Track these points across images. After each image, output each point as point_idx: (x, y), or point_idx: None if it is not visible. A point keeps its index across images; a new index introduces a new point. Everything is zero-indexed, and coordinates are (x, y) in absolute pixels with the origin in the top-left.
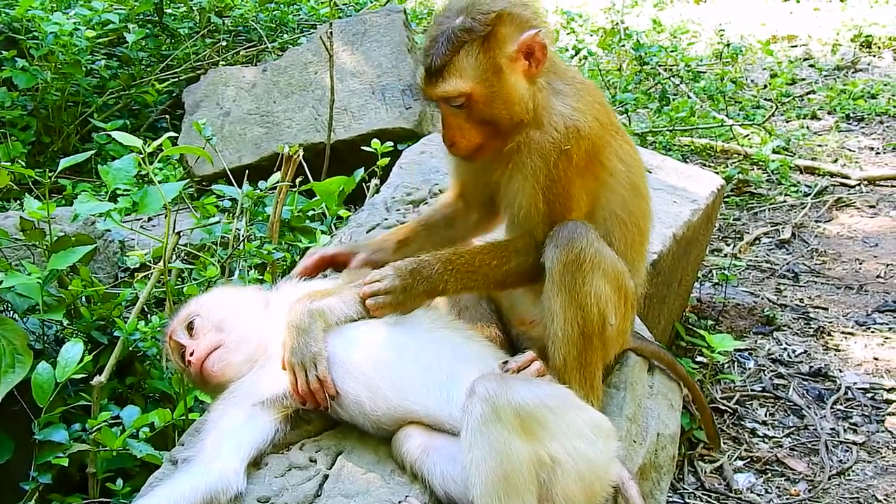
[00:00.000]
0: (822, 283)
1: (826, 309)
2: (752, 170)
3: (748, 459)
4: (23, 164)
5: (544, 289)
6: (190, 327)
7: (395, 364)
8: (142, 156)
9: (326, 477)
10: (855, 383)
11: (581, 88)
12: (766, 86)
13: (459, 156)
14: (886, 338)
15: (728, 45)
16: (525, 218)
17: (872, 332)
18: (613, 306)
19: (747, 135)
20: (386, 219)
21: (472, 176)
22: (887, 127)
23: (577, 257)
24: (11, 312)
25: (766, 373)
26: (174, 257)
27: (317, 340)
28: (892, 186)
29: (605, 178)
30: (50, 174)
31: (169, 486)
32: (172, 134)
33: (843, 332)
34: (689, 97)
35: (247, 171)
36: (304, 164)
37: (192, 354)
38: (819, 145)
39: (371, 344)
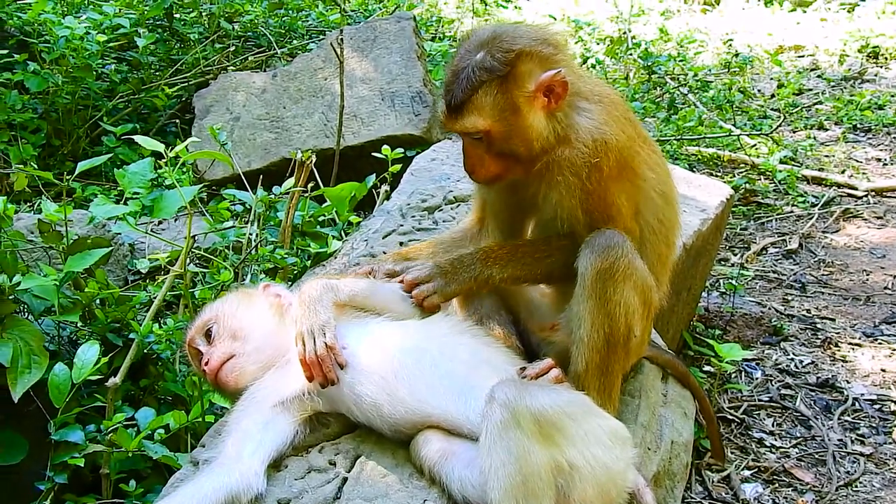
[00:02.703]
0: (829, 294)
1: (833, 320)
2: (760, 180)
3: (755, 469)
4: (34, 166)
5: (574, 293)
6: (208, 334)
7: (414, 368)
8: (163, 160)
9: (346, 480)
10: (862, 394)
11: (608, 103)
12: (773, 96)
13: (480, 182)
14: (894, 349)
15: (736, 55)
16: (565, 228)
17: (880, 343)
18: (639, 318)
19: (754, 145)
20: (402, 225)
21: (498, 196)
22: (894, 138)
23: (611, 266)
24: (27, 314)
25: (773, 383)
26: (188, 261)
27: (326, 309)
28: None
29: (640, 183)
30: (67, 177)
31: (191, 486)
32: (195, 139)
33: (850, 343)
34: (696, 106)
35: (260, 177)
36: (314, 170)
37: (206, 364)
38: (826, 156)
39: (390, 348)
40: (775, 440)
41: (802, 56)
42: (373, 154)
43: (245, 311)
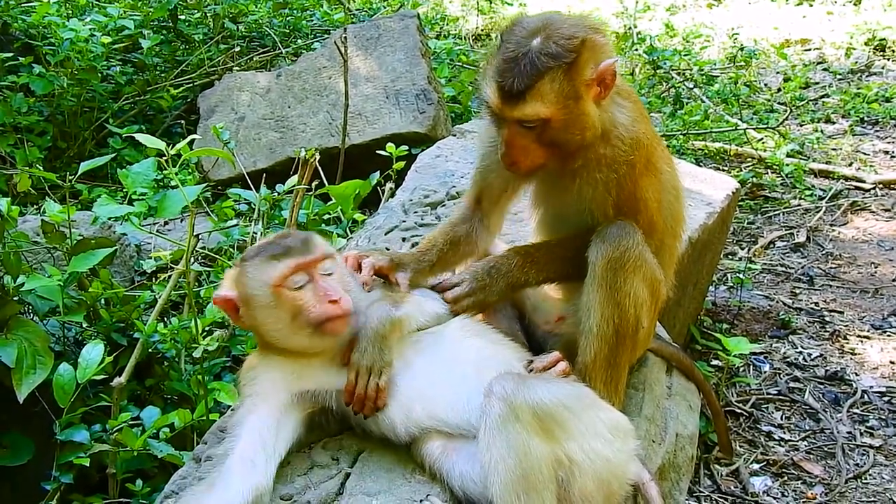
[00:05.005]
0: (837, 287)
1: (841, 313)
2: (767, 173)
3: (764, 463)
4: (40, 168)
5: (584, 283)
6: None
7: (426, 389)
8: (164, 158)
9: (348, 475)
10: (871, 387)
11: (634, 100)
12: (779, 89)
13: (519, 174)
14: None
15: (741, 49)
16: (593, 220)
17: (888, 335)
18: (647, 310)
19: (761, 138)
20: (404, 221)
21: (507, 184)
22: None
23: (622, 256)
24: (32, 314)
25: (781, 376)
26: (192, 260)
27: (390, 350)
28: None
29: (660, 178)
30: (70, 178)
31: (217, 494)
32: (195, 136)
33: (858, 336)
34: (702, 101)
35: (263, 175)
36: (319, 168)
37: (332, 300)
38: (833, 149)
39: (404, 370)
40: (784, 433)
41: (809, 49)
42: (378, 152)
43: (351, 278)
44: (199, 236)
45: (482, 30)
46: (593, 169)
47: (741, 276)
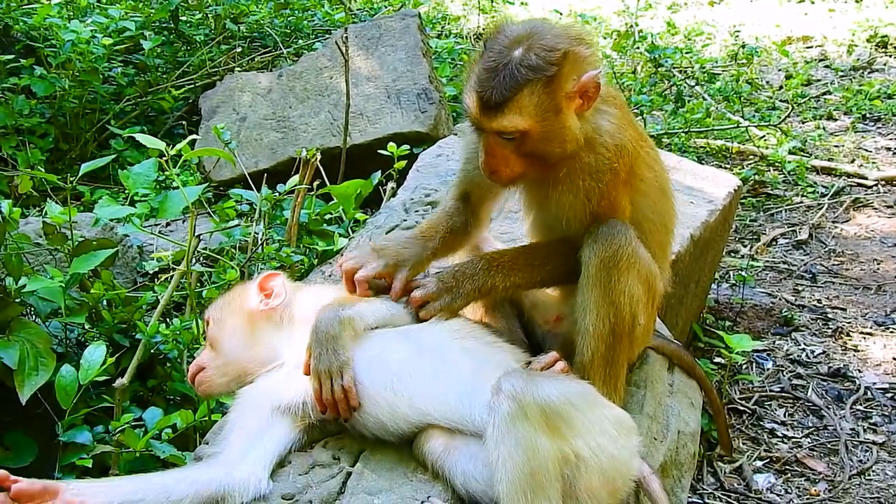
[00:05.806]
0: (839, 284)
1: (844, 309)
2: (769, 171)
3: (767, 460)
4: (42, 170)
5: (579, 283)
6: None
7: (416, 385)
8: (164, 158)
9: (350, 474)
10: (874, 383)
11: (619, 105)
12: (781, 87)
13: (500, 183)
14: None
15: (743, 47)
16: (568, 227)
17: (891, 332)
18: (643, 307)
19: (763, 136)
20: (405, 220)
21: (491, 191)
22: None
23: (615, 254)
24: (34, 316)
25: (784, 373)
26: (194, 260)
27: (345, 349)
28: None
29: (638, 184)
30: (71, 179)
31: (186, 471)
32: (195, 136)
33: (861, 333)
34: (704, 99)
35: (265, 176)
36: (321, 168)
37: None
38: (835, 146)
39: (391, 363)
40: (787, 430)
41: (811, 47)
42: (379, 152)
43: (229, 317)
44: (201, 237)
45: (484, 29)
46: (576, 176)
47: (743, 273)
